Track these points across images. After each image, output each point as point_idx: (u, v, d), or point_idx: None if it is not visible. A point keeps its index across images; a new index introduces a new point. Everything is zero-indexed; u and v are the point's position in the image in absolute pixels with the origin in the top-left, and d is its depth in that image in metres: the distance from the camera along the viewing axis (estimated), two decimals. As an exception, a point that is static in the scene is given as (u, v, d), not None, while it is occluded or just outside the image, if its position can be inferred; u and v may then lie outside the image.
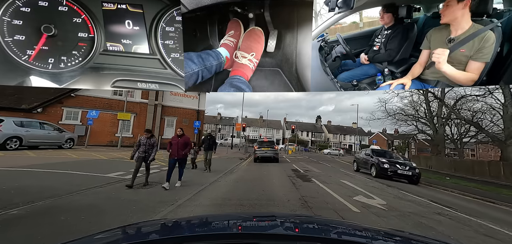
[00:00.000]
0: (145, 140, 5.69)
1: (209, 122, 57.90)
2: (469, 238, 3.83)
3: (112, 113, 17.08)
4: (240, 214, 2.30)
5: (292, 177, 9.07)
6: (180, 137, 5.88)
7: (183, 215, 3.91)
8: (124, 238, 1.04)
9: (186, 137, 5.99)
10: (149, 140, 5.71)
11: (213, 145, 8.85)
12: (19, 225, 2.95)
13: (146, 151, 5.59)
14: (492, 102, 17.46)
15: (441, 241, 1.18)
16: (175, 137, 5.94)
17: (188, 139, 6.02)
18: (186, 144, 5.89)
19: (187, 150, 5.92)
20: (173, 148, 5.74)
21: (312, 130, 63.13)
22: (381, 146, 43.30)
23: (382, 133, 55.45)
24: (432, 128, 22.87)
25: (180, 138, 5.84)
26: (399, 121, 23.91)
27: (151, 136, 5.82)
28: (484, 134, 18.36)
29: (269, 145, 15.46)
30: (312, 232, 1.15)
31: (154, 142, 5.78)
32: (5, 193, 4.03)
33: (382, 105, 25.83)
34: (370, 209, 5.04)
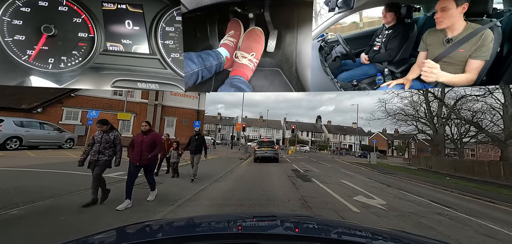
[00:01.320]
0: (99, 136, 3.89)
1: (209, 122, 57.93)
2: (469, 238, 3.83)
3: (112, 113, 17.08)
4: (240, 214, 2.30)
5: (292, 177, 9.07)
6: (145, 134, 4.16)
7: (183, 215, 3.91)
8: (124, 238, 1.04)
9: (155, 134, 4.32)
10: (107, 135, 3.94)
11: (202, 147, 6.90)
12: (19, 225, 2.95)
13: (100, 151, 3.83)
14: (492, 102, 17.48)
15: (441, 241, 1.18)
16: (138, 134, 4.22)
17: (157, 137, 4.34)
18: (154, 144, 4.18)
19: (156, 152, 4.20)
20: (135, 150, 4.03)
21: (312, 130, 63.13)
22: (381, 146, 43.20)
23: (382, 133, 55.46)
24: (432, 128, 22.87)
25: (145, 136, 4.14)
26: (399, 121, 23.92)
27: (109, 128, 4.01)
28: (484, 134, 18.35)
29: (269, 145, 15.47)
30: (312, 232, 1.15)
31: (116, 138, 4.03)
32: (5, 193, 4.03)
33: (382, 105, 25.90)
34: (370, 209, 5.04)
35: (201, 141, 6.89)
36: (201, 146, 6.89)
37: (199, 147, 6.82)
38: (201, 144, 6.88)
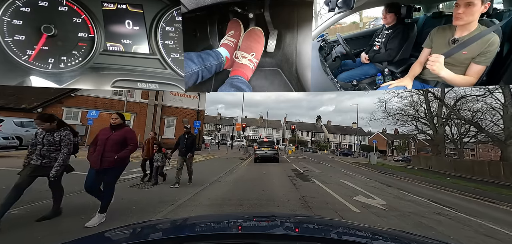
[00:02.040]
0: (41, 136, 3.01)
1: (209, 122, 57.93)
2: (469, 238, 3.83)
3: (112, 113, 17.08)
4: (240, 214, 2.30)
5: (292, 177, 9.07)
6: (115, 130, 3.26)
7: (183, 215, 3.91)
8: (124, 238, 1.04)
9: (127, 130, 3.36)
10: (51, 135, 3.03)
11: (192, 148, 6.08)
12: (19, 225, 2.95)
13: (43, 155, 2.97)
14: (492, 102, 17.51)
15: (441, 241, 1.18)
16: (104, 129, 3.31)
17: (130, 133, 3.36)
18: (123, 141, 3.24)
19: (125, 153, 3.20)
20: (97, 149, 3.12)
21: (312, 130, 63.14)
22: (381, 146, 43.26)
23: (382, 133, 55.47)
24: (432, 128, 22.88)
25: (114, 132, 3.24)
26: (399, 121, 23.96)
27: (56, 126, 3.10)
28: (484, 134, 18.36)
29: (269, 145, 15.47)
30: (312, 232, 1.15)
31: (63, 140, 3.06)
32: (5, 193, 4.02)
33: (382, 105, 25.91)
34: (370, 209, 5.04)
35: (191, 141, 6.10)
36: (192, 146, 6.08)
37: (189, 147, 6.00)
38: (191, 145, 6.07)
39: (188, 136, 6.06)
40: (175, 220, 1.38)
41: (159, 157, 5.99)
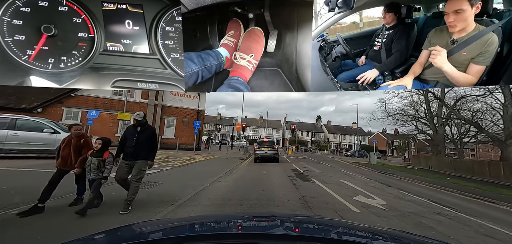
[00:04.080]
0: None
1: (209, 122, 57.91)
2: (469, 238, 3.83)
3: (112, 113, 17.09)
4: (240, 214, 2.30)
5: (292, 177, 9.07)
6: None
7: (183, 215, 3.91)
8: (124, 238, 1.04)
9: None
10: None
11: (151, 150, 3.86)
12: (19, 225, 2.95)
13: None
14: (492, 102, 17.51)
15: (441, 241, 1.18)
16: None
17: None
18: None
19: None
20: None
21: (312, 130, 63.15)
22: (381, 146, 43.26)
23: (382, 133, 55.45)
24: (432, 128, 22.88)
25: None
26: (399, 121, 23.95)
27: None
28: (484, 134, 18.36)
29: (269, 145, 15.46)
30: (312, 232, 1.15)
31: None
32: (5, 193, 4.03)
33: (382, 105, 25.90)
34: (370, 209, 5.03)
35: (147, 137, 3.77)
36: (149, 145, 3.79)
37: (142, 146, 3.69)
38: (147, 142, 3.77)
39: (142, 129, 3.76)
40: (175, 220, 1.38)
41: (95, 162, 3.57)
